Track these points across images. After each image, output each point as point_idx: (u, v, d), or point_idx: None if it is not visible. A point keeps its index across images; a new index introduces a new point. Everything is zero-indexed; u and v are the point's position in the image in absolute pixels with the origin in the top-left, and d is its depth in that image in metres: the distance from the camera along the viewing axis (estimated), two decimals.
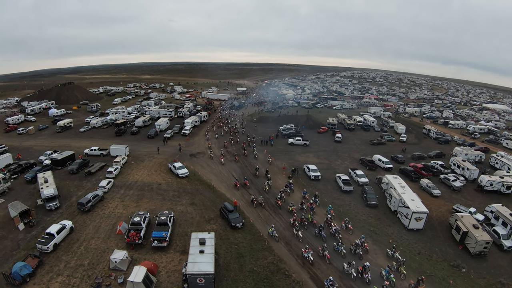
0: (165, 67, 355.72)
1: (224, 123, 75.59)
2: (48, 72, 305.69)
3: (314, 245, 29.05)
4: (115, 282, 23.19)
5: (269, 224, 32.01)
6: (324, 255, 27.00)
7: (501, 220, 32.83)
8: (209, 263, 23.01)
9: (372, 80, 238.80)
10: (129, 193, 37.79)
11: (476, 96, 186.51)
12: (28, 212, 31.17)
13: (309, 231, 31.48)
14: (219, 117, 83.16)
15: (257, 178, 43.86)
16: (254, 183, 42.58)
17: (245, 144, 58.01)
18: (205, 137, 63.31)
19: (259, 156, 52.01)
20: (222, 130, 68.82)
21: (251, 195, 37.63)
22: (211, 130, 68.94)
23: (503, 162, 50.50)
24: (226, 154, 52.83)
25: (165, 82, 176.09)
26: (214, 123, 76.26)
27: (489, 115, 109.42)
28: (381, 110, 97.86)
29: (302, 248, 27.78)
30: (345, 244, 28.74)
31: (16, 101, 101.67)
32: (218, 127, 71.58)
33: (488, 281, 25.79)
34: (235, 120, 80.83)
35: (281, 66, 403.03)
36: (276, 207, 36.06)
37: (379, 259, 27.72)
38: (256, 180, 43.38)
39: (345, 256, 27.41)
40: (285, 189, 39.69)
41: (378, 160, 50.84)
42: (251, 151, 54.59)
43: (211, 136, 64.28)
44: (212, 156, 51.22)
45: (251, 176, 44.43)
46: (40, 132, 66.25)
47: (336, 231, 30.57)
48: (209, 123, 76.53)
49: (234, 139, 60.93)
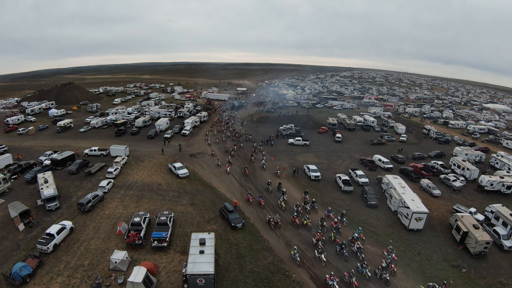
0: (165, 67, 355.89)
1: (224, 126, 72.96)
2: (48, 72, 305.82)
3: (336, 266, 26.36)
4: (115, 282, 23.16)
5: (290, 246, 28.71)
6: (351, 282, 23.89)
7: (501, 220, 32.80)
8: (209, 263, 22.97)
9: (372, 80, 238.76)
10: (129, 193, 37.77)
11: (476, 96, 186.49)
12: (28, 213, 31.15)
13: (329, 248, 28.92)
14: (218, 119, 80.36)
15: (271, 193, 39.81)
16: (267, 199, 38.12)
17: (254, 153, 53.04)
18: (205, 142, 60.39)
19: (267, 166, 48.16)
20: (223, 135, 65.44)
21: (268, 214, 33.52)
22: (210, 135, 64.92)
23: (503, 162, 50.48)
24: (233, 161, 49.24)
25: (165, 82, 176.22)
26: (214, 126, 73.58)
27: (489, 115, 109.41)
28: (381, 110, 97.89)
29: (326, 274, 24.56)
30: (370, 265, 25.99)
31: (16, 101, 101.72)
32: (218, 131, 68.43)
33: (488, 281, 25.76)
34: (236, 123, 77.62)
35: (281, 66, 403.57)
36: (293, 225, 32.42)
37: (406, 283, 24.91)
38: (269, 195, 39.28)
39: (370, 279, 24.81)
40: (304, 205, 35.90)
41: (378, 160, 50.82)
42: (259, 159, 50.62)
43: (211, 141, 60.72)
44: (219, 164, 47.89)
45: (263, 191, 40.28)
46: (40, 132, 66.26)
47: (359, 249, 27.73)
48: (208, 125, 74.33)
49: (237, 145, 57.25)
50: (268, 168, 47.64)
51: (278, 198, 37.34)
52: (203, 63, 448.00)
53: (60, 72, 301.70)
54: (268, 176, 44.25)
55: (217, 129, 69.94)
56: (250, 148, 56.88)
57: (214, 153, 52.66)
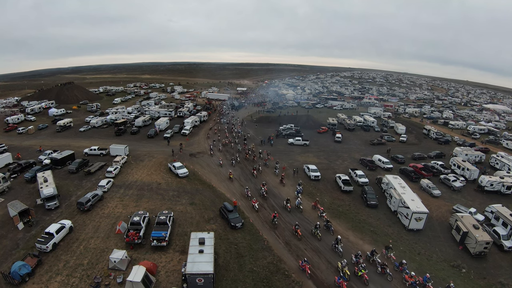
0: (165, 67, 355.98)
1: (229, 139, 61.15)
2: (48, 72, 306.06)
3: None
4: (114, 281, 23.10)
5: None
6: None
7: (501, 221, 32.74)
8: (208, 263, 22.92)
9: (372, 81, 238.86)
10: (128, 192, 37.72)
11: (476, 97, 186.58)
12: (27, 212, 31.07)
13: None
14: (219, 128, 71.21)
15: (289, 212, 35.01)
16: (283, 217, 33.63)
17: (284, 176, 43.55)
18: (210, 152, 52.79)
19: (287, 182, 42.56)
20: (233, 149, 55.09)
21: (303, 259, 26.16)
22: (216, 145, 56.61)
23: (503, 162, 50.44)
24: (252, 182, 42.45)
25: (165, 82, 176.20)
26: (216, 132, 65.97)
27: (489, 115, 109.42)
28: (381, 110, 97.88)
29: None
30: None
31: (16, 100, 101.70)
32: (224, 144, 57.36)
33: (488, 281, 25.70)
34: (249, 137, 63.94)
35: (281, 66, 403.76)
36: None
37: None
38: (287, 214, 34.59)
39: None
40: (327, 224, 31.70)
41: (378, 160, 50.79)
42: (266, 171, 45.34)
43: (222, 157, 51.07)
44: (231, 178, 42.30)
45: (280, 208, 35.49)
46: (40, 132, 66.23)
47: None
48: (206, 130, 68.42)
49: (256, 168, 45.51)
50: (287, 184, 41.96)
51: (315, 227, 30.51)
52: (203, 63, 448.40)
53: (60, 71, 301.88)
54: (287, 193, 39.15)
55: (223, 142, 58.21)
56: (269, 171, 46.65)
57: (233, 176, 43.57)
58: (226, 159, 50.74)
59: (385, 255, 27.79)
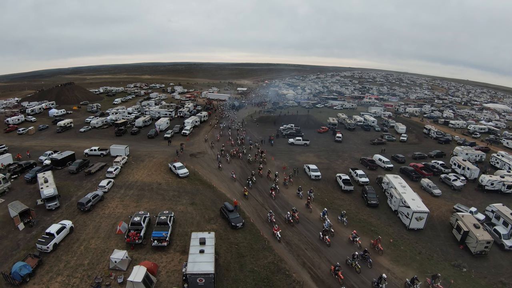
0: (165, 67, 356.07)
1: (236, 148, 54.69)
2: (48, 72, 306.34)
3: None
4: (115, 282, 23.10)
5: None
6: None
7: (502, 220, 32.72)
8: (209, 263, 22.92)
9: (372, 80, 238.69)
10: (129, 193, 37.73)
11: (476, 96, 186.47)
12: (28, 212, 31.10)
13: None
14: (220, 134, 66.27)
15: (329, 247, 29.60)
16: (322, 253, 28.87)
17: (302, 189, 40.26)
18: (218, 165, 47.60)
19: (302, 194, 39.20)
20: (242, 159, 50.65)
21: None
22: (223, 155, 51.92)
23: (503, 161, 50.40)
24: None
25: (165, 82, 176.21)
26: (219, 139, 61.74)
27: (489, 114, 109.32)
28: (381, 110, 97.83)
29: None
30: None
31: (16, 101, 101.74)
32: (232, 155, 51.98)
33: (489, 280, 25.68)
34: (257, 146, 57.96)
35: (281, 66, 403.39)
36: None
37: None
38: (325, 248, 29.65)
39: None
40: (364, 255, 27.23)
41: (379, 159, 50.76)
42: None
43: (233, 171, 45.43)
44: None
45: (314, 240, 30.55)
46: (40, 132, 66.26)
47: None
48: (205, 131, 66.34)
49: (274, 188, 39.88)
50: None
51: (353, 257, 26.67)
52: (203, 63, 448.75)
53: (60, 72, 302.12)
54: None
55: (231, 153, 52.75)
56: None
57: (248, 193, 39.41)
58: (237, 172, 45.48)
59: (430, 284, 23.91)
